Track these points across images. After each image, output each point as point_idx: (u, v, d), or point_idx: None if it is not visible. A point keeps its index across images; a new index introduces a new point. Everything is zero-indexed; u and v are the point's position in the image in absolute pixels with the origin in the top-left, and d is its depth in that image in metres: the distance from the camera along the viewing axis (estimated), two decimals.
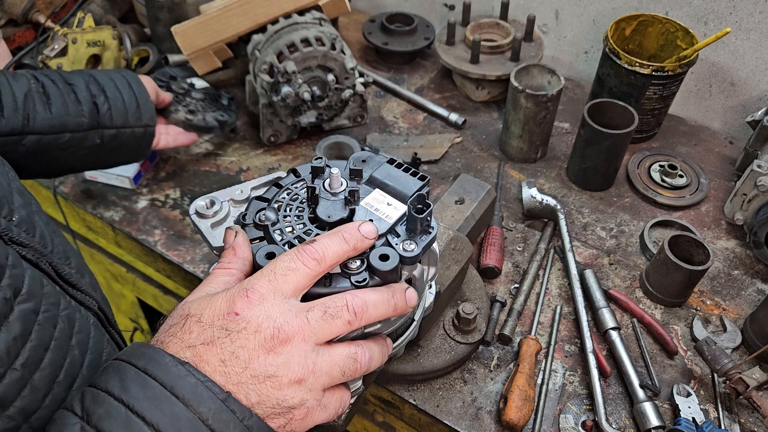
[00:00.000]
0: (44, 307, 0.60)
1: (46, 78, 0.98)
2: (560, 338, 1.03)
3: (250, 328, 0.51)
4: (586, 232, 1.20)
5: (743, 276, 1.13)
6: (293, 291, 0.54)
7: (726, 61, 1.37)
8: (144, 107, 1.08)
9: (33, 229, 0.68)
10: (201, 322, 0.52)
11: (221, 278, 0.59)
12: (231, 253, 0.60)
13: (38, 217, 0.71)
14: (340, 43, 1.24)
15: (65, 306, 0.64)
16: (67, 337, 0.63)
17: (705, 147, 1.37)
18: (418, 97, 1.48)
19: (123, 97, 1.05)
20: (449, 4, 1.68)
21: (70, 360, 0.62)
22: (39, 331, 0.58)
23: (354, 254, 0.58)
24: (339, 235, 0.58)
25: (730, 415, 0.93)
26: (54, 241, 0.71)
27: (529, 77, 1.29)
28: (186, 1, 1.42)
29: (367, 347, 0.59)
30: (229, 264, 0.60)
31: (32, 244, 0.65)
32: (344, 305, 0.55)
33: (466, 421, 0.93)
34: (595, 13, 1.47)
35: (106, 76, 1.05)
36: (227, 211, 0.71)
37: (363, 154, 0.71)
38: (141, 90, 1.08)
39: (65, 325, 0.63)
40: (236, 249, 0.61)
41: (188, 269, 1.14)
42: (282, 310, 0.53)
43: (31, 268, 0.61)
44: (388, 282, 0.60)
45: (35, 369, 0.57)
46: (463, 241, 0.96)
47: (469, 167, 1.33)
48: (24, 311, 0.57)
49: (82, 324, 0.66)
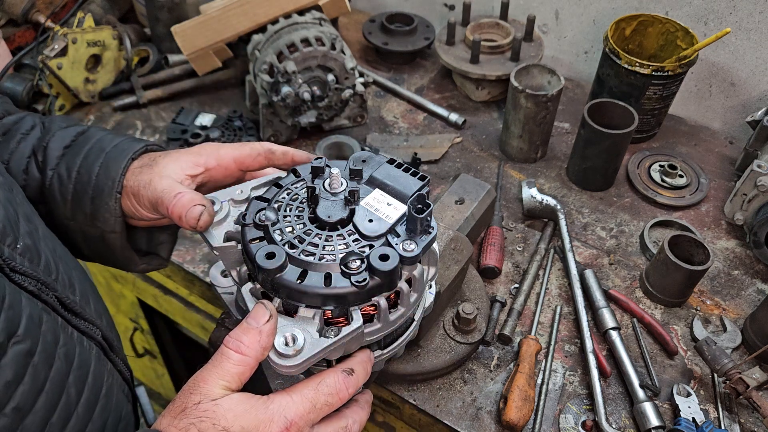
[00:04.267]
0: (41, 346, 0.57)
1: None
2: (560, 338, 1.03)
3: None
4: (586, 232, 1.20)
5: (743, 276, 1.13)
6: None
7: (726, 61, 1.37)
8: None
9: (38, 257, 0.65)
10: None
11: (234, 370, 0.57)
12: (254, 338, 0.57)
13: (44, 244, 0.68)
14: (340, 43, 1.24)
15: (64, 341, 0.62)
16: (63, 376, 0.60)
17: (705, 147, 1.37)
18: (418, 97, 1.48)
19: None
20: (449, 4, 1.68)
21: (65, 400, 0.60)
22: (33, 374, 0.56)
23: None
24: (365, 369, 0.65)
25: (730, 415, 0.93)
26: (59, 268, 0.68)
27: (529, 77, 1.29)
28: (186, 1, 1.42)
29: (356, 416, 0.65)
30: (248, 350, 0.57)
31: (36, 273, 0.62)
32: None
33: (466, 421, 0.93)
34: (595, 13, 1.47)
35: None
36: (227, 211, 0.71)
37: (363, 154, 0.71)
38: None
39: (62, 364, 0.60)
40: (262, 336, 0.58)
41: (188, 269, 1.14)
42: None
43: (31, 304, 0.59)
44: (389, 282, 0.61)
45: (27, 413, 0.55)
46: (463, 241, 0.96)
47: (469, 167, 1.33)
48: (18, 353, 0.54)
49: (82, 359, 0.64)
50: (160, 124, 1.41)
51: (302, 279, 0.60)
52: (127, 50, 1.43)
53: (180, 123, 1.38)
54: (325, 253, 0.62)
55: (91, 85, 1.41)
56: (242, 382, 0.58)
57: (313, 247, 0.62)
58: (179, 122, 1.38)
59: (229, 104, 1.46)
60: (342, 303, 0.61)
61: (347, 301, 0.61)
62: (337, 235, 0.64)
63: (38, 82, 1.35)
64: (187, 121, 1.38)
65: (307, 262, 0.61)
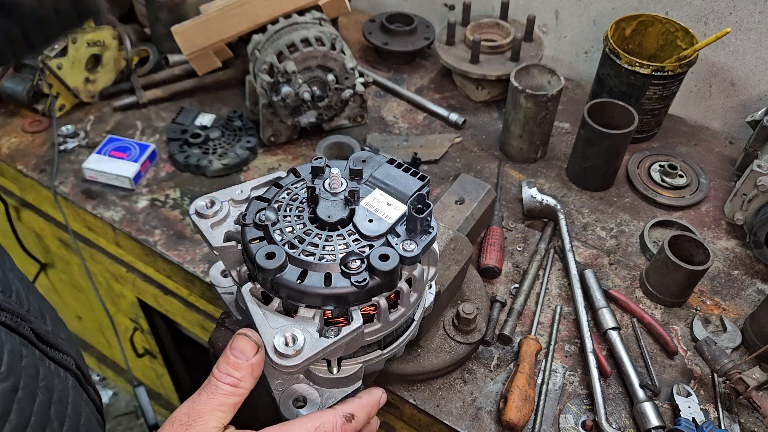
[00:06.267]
0: (23, 381, 0.57)
1: None
2: (560, 338, 1.03)
3: None
4: (586, 232, 1.20)
5: (743, 276, 1.13)
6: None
7: (726, 61, 1.37)
8: None
9: (9, 289, 0.63)
10: None
11: (231, 401, 0.59)
12: (247, 371, 0.60)
13: (13, 275, 0.66)
14: (340, 43, 1.24)
15: (44, 375, 0.61)
16: (45, 409, 0.60)
17: (705, 147, 1.37)
18: (418, 97, 1.48)
19: None
20: (449, 4, 1.68)
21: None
22: (18, 410, 0.55)
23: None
24: (368, 414, 0.64)
25: (730, 415, 0.93)
26: (30, 299, 0.67)
27: (529, 77, 1.29)
28: (186, 1, 1.42)
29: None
30: (242, 383, 0.59)
31: (10, 306, 0.61)
32: None
33: (466, 421, 0.93)
34: (595, 13, 1.47)
35: None
36: (227, 211, 0.71)
37: (363, 154, 0.71)
38: None
39: (44, 398, 0.60)
40: (254, 369, 0.60)
41: (188, 269, 1.14)
42: None
43: (11, 339, 0.58)
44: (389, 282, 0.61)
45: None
46: (463, 241, 0.96)
47: (469, 167, 1.33)
48: (3, 391, 0.54)
49: (61, 392, 0.64)
50: (160, 124, 1.41)
51: (302, 279, 0.60)
52: (127, 50, 1.43)
53: (180, 123, 1.38)
54: (325, 253, 0.62)
55: (91, 85, 1.41)
56: (236, 409, 0.60)
57: (313, 247, 0.62)
58: (179, 122, 1.38)
59: (229, 104, 1.46)
60: (342, 303, 0.61)
61: (347, 301, 0.61)
62: (337, 235, 0.64)
63: (38, 82, 1.35)
64: (187, 121, 1.38)
65: (307, 262, 0.61)
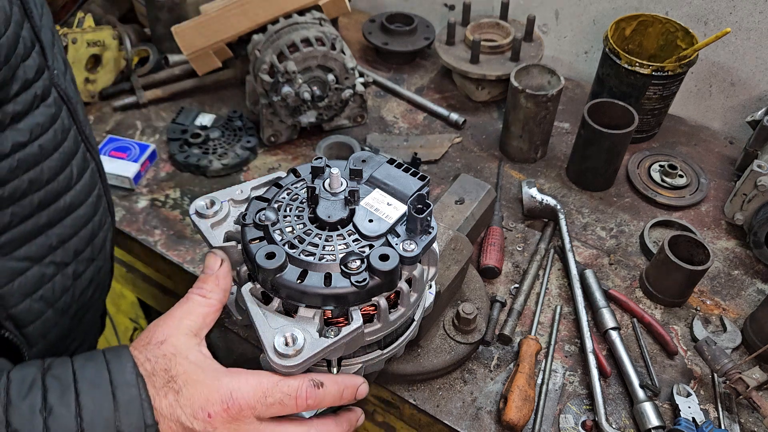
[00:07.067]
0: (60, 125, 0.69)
1: None
2: (560, 338, 1.03)
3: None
4: (586, 232, 1.20)
5: (743, 276, 1.13)
6: (271, 418, 0.59)
7: (726, 61, 1.37)
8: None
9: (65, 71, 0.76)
10: (178, 401, 0.56)
11: (200, 309, 0.62)
12: (213, 282, 0.64)
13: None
14: (340, 43, 1.24)
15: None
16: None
17: (705, 147, 1.37)
18: (418, 97, 1.48)
19: None
20: (449, 4, 1.68)
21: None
22: (53, 134, 0.67)
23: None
24: (340, 392, 0.62)
25: (730, 415, 0.93)
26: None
27: (529, 77, 1.29)
28: (186, 1, 1.42)
29: (324, 428, 0.63)
30: (210, 294, 0.63)
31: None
32: None
33: (466, 421, 0.93)
34: (595, 13, 1.47)
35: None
36: (227, 211, 0.71)
37: (363, 154, 0.71)
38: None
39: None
40: (219, 279, 0.64)
41: (188, 269, 1.14)
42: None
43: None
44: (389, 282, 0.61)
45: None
46: (463, 241, 0.96)
47: (469, 167, 1.33)
48: (46, 113, 0.66)
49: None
50: (160, 124, 1.41)
51: (302, 279, 0.60)
52: (127, 50, 1.43)
53: (180, 123, 1.38)
54: (325, 253, 0.62)
55: (91, 85, 1.41)
56: (207, 324, 0.62)
57: (313, 247, 0.62)
58: (179, 122, 1.38)
59: (229, 104, 1.46)
60: (342, 303, 0.61)
61: (347, 301, 0.61)
62: (337, 235, 0.64)
63: None
64: (187, 121, 1.38)
65: (307, 262, 0.61)
